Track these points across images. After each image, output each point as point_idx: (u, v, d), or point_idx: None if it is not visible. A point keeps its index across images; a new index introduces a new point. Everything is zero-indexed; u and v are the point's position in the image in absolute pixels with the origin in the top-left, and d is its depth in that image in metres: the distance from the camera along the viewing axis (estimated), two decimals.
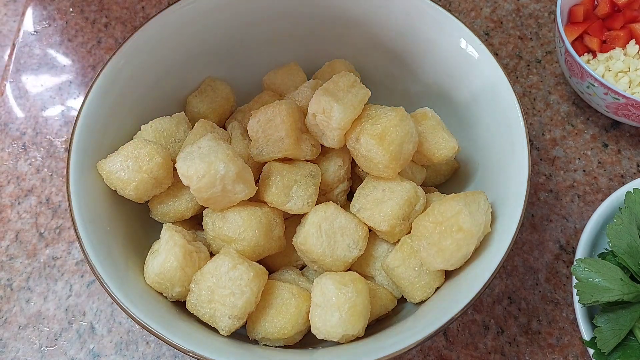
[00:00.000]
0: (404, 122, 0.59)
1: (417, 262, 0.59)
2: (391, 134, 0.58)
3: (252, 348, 0.57)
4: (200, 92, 0.74)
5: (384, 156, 0.58)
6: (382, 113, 0.59)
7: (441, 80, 0.73)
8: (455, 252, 0.55)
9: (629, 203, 0.64)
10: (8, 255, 0.75)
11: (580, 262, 0.61)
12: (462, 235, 0.55)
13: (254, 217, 0.58)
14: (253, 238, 0.58)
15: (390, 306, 0.62)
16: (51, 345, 0.70)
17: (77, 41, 0.92)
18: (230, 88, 0.75)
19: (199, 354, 0.52)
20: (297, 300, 0.57)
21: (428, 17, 0.70)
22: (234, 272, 0.55)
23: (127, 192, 0.60)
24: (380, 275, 0.63)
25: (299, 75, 0.75)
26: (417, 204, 0.61)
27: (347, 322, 0.54)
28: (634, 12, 0.81)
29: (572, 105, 0.85)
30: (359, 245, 0.60)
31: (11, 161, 0.82)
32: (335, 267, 0.60)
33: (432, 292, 0.60)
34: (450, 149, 0.63)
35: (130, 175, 0.59)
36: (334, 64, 0.75)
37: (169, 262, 0.56)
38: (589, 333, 0.62)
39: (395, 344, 0.53)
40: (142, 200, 0.62)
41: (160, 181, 0.61)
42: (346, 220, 0.60)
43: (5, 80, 0.89)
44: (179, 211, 0.63)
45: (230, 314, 0.55)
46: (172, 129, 0.67)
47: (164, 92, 0.72)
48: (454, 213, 0.55)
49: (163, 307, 0.58)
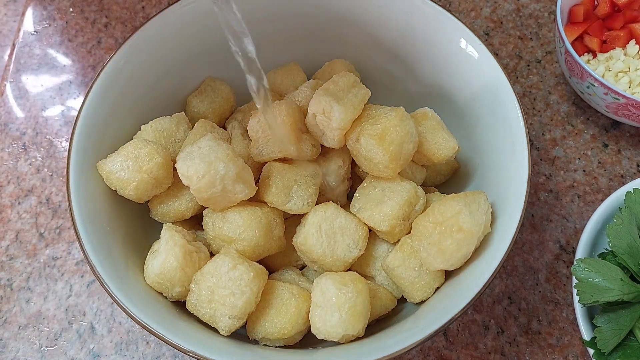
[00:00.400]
0: (404, 122, 0.59)
1: (417, 262, 0.59)
2: (391, 134, 0.58)
3: (252, 348, 0.57)
4: (200, 92, 0.74)
5: (384, 156, 0.58)
6: (382, 113, 0.59)
7: (441, 80, 0.73)
8: (455, 252, 0.55)
9: (629, 203, 0.64)
10: (8, 255, 0.75)
11: (580, 262, 0.61)
12: (462, 235, 0.55)
13: (254, 217, 0.58)
14: (253, 238, 0.58)
15: (390, 306, 0.62)
16: (51, 345, 0.70)
17: (77, 41, 0.92)
18: (230, 88, 0.75)
19: (199, 354, 0.52)
20: (297, 301, 0.57)
21: (428, 17, 0.70)
22: (234, 272, 0.55)
23: (127, 192, 0.60)
24: (380, 275, 0.63)
25: (299, 75, 0.75)
26: (417, 204, 0.61)
27: (347, 322, 0.54)
28: (634, 12, 0.81)
29: (572, 105, 0.85)
30: (359, 245, 0.60)
31: (11, 161, 0.82)
32: (336, 267, 0.60)
33: (432, 292, 0.60)
34: (450, 149, 0.63)
35: (130, 175, 0.59)
36: (334, 64, 0.75)
37: (169, 262, 0.56)
38: (589, 333, 0.62)
39: (395, 344, 0.53)
40: (142, 200, 0.62)
41: (160, 181, 0.61)
42: (346, 221, 0.60)
43: (5, 80, 0.89)
44: (179, 211, 0.63)
45: (231, 314, 0.55)
46: (172, 128, 0.67)
47: (164, 92, 0.72)
48: (454, 213, 0.55)
49: (163, 307, 0.58)
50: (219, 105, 0.73)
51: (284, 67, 0.75)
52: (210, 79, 0.75)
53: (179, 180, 0.59)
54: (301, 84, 0.70)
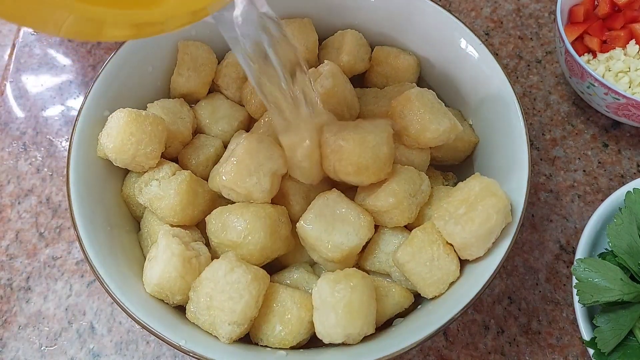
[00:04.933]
0: (370, 135, 0.58)
1: (428, 256, 0.57)
2: (365, 160, 0.57)
3: (253, 348, 0.57)
4: (180, 67, 0.69)
5: (370, 178, 0.58)
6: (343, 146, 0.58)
7: (441, 80, 0.73)
8: (485, 220, 0.54)
9: (629, 203, 0.64)
10: (8, 255, 0.75)
11: (580, 262, 0.61)
12: (494, 200, 0.54)
13: (258, 218, 0.57)
14: (260, 240, 0.57)
15: (406, 304, 0.60)
16: (51, 345, 0.70)
17: (77, 41, 0.92)
18: (208, 48, 0.71)
19: (199, 354, 0.52)
20: (300, 310, 0.56)
21: (428, 17, 0.70)
22: (231, 276, 0.53)
23: (107, 137, 0.60)
24: (396, 272, 0.61)
25: (312, 36, 0.71)
26: (422, 183, 0.60)
27: (345, 320, 0.53)
28: (634, 12, 0.81)
29: (572, 105, 0.85)
30: (359, 235, 0.58)
31: (11, 161, 0.82)
32: (333, 256, 0.58)
33: (446, 287, 0.58)
34: (435, 130, 0.61)
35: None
36: (345, 34, 0.72)
37: (168, 273, 0.55)
38: (589, 333, 0.62)
39: (395, 344, 0.53)
40: (124, 157, 0.60)
41: (151, 139, 0.60)
42: (349, 208, 0.59)
43: (5, 80, 0.89)
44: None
45: (230, 320, 0.53)
46: (177, 107, 0.68)
47: (164, 92, 0.72)
48: (483, 186, 0.56)
49: (163, 306, 0.58)
50: (205, 74, 0.70)
51: (296, 21, 0.71)
52: (183, 43, 0.70)
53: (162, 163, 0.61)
54: (312, 46, 0.69)
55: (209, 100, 0.71)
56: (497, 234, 0.56)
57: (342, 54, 0.71)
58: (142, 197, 0.61)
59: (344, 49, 0.71)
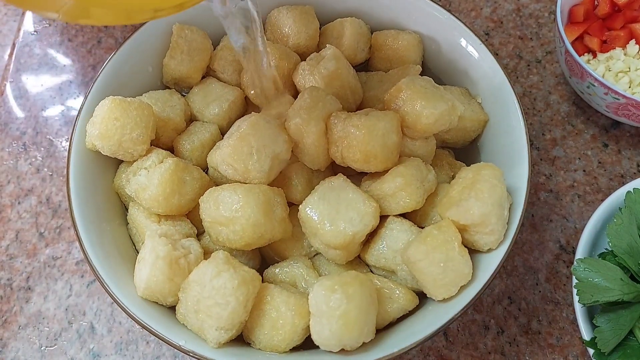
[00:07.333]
0: (380, 122, 0.58)
1: (442, 256, 0.54)
2: (374, 147, 0.57)
3: (251, 348, 0.57)
4: (174, 50, 0.68)
5: (378, 167, 0.59)
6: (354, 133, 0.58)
7: (441, 80, 0.73)
8: (491, 188, 0.55)
9: (629, 203, 0.64)
10: (8, 255, 0.75)
11: (580, 262, 0.61)
12: (489, 170, 0.56)
13: (251, 193, 0.55)
14: (252, 215, 0.54)
15: (410, 307, 0.58)
16: (51, 345, 0.70)
17: (77, 41, 0.92)
18: (204, 34, 0.70)
19: (199, 354, 0.52)
20: (294, 317, 0.53)
21: (428, 17, 0.70)
22: (217, 281, 0.52)
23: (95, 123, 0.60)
24: (402, 270, 0.58)
25: (313, 23, 0.70)
26: (428, 174, 0.60)
27: (340, 332, 0.50)
28: (634, 12, 0.81)
29: (572, 105, 0.85)
30: (364, 220, 0.55)
31: (11, 161, 0.82)
32: (336, 241, 0.55)
33: (457, 290, 0.55)
34: (429, 115, 0.58)
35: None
36: (345, 22, 0.71)
37: (155, 277, 0.54)
38: (589, 333, 0.62)
39: (395, 344, 0.53)
40: (110, 144, 0.59)
41: (138, 125, 0.59)
42: (354, 194, 0.57)
43: (5, 80, 0.89)
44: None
45: (217, 325, 0.52)
46: (166, 96, 0.67)
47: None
48: (473, 169, 0.58)
49: (163, 307, 0.58)
50: (199, 59, 0.69)
51: (298, 8, 0.70)
52: (179, 27, 0.68)
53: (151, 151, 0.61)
54: (314, 33, 0.69)
55: (201, 86, 0.70)
56: (507, 208, 0.57)
57: (342, 47, 0.70)
58: (130, 188, 0.60)
59: (343, 41, 0.70)
